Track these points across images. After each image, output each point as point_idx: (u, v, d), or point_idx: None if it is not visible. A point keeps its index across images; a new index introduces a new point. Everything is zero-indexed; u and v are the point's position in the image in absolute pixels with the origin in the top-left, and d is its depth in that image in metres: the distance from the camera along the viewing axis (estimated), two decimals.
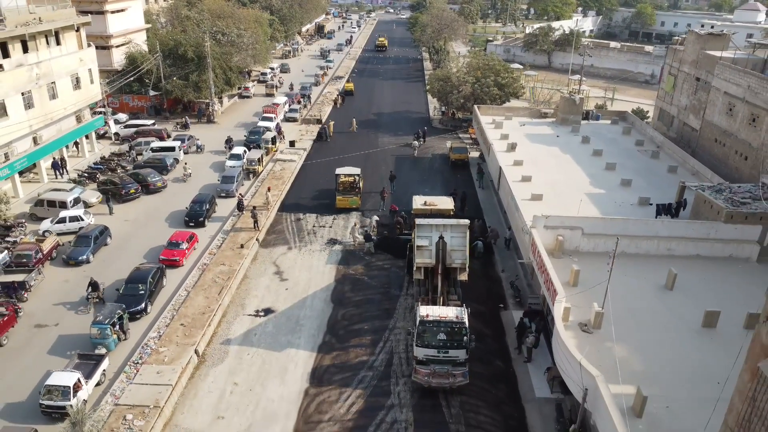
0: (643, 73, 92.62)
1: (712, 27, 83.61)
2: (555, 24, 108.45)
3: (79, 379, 22.92)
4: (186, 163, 47.13)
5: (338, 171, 41.78)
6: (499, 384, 24.97)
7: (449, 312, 24.13)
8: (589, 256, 27.22)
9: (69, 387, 22.39)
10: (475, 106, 51.43)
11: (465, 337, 23.61)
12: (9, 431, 20.40)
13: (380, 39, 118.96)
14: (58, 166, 44.51)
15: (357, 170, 42.08)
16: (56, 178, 44.25)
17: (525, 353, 25.94)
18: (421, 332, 23.65)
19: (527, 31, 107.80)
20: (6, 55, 39.20)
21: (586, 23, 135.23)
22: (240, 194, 41.61)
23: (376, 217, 38.68)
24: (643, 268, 26.54)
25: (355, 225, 39.14)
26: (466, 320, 23.83)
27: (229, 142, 49.42)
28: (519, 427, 22.72)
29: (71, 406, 21.87)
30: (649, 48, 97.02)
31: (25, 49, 40.88)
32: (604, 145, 43.04)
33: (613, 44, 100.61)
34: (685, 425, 17.42)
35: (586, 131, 46.82)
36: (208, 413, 23.12)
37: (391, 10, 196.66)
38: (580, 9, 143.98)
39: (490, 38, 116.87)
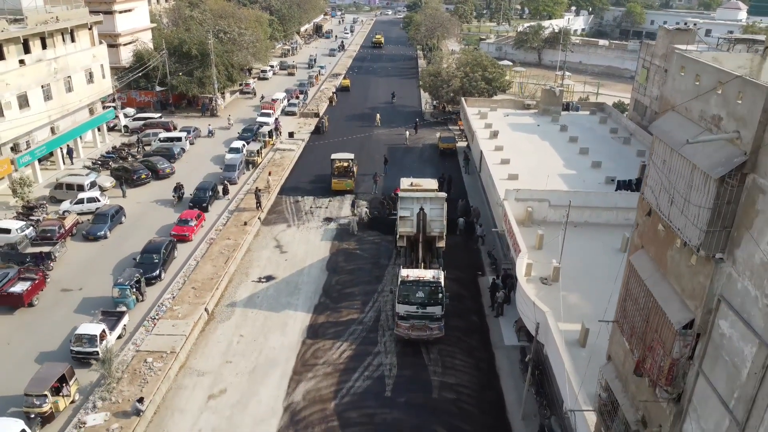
0: (629, 70, 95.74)
1: (695, 24, 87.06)
2: (545, 23, 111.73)
3: (104, 330, 26.26)
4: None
5: (333, 156, 45.18)
6: (474, 335, 28.35)
7: (427, 273, 27.46)
8: (555, 225, 30.46)
9: (96, 335, 25.73)
10: (463, 98, 54.77)
11: (441, 295, 26.88)
12: (50, 366, 23.64)
13: (377, 36, 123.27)
14: (72, 153, 47.95)
15: (351, 155, 45.48)
16: (70, 164, 47.64)
17: (495, 309, 29.31)
18: (402, 291, 26.94)
19: (519, 30, 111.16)
20: (27, 51, 42.56)
21: (577, 22, 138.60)
22: (227, 181, 44.91)
23: (365, 206, 41.74)
24: (603, 234, 29.84)
25: (355, 205, 42.38)
26: (442, 281, 27.18)
27: (178, 190, 41.53)
28: (489, 368, 26.11)
29: (98, 352, 25.25)
30: (626, 44, 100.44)
31: (44, 46, 44.25)
32: (581, 133, 46.37)
33: (601, 42, 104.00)
34: None
35: (565, 121, 50.14)
36: (218, 358, 26.49)
37: (389, 12, 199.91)
38: (573, 8, 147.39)
39: (483, 37, 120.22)
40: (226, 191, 43.25)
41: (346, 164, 44.56)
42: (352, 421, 22.91)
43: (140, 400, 22.59)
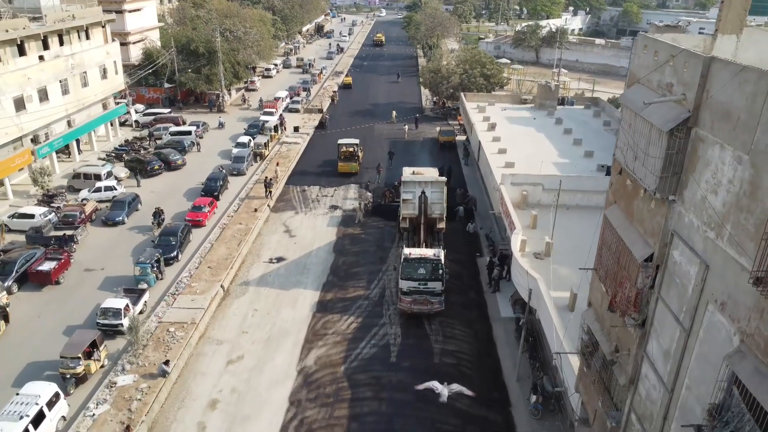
0: (624, 67, 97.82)
1: (688, 23, 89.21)
2: (543, 22, 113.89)
3: (127, 304, 28.23)
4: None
5: (340, 141, 48.36)
6: (472, 309, 30.37)
7: (428, 252, 29.50)
8: (549, 207, 32.33)
9: (120, 309, 27.71)
10: (462, 93, 56.87)
11: (441, 272, 28.89)
12: (82, 333, 25.59)
13: (378, 35, 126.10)
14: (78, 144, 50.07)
15: (356, 141, 48.74)
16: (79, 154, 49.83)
17: (492, 285, 31.35)
18: (405, 268, 28.94)
19: (517, 29, 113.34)
20: (46, 47, 44.58)
21: (575, 22, 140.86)
22: (220, 167, 46.84)
23: (369, 195, 43.82)
24: (593, 216, 31.55)
25: (360, 194, 44.40)
26: (442, 258, 29.19)
27: (157, 216, 37.04)
28: (486, 337, 28.13)
29: (122, 324, 27.24)
30: (620, 42, 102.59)
31: (61, 43, 46.29)
32: (575, 126, 48.44)
33: (597, 41, 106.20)
34: None
35: (560, 114, 52.21)
36: (234, 329, 28.50)
37: (382, 13, 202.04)
38: (570, 8, 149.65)
39: (482, 36, 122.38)
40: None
41: (351, 149, 47.69)
42: (360, 382, 24.91)
43: (166, 363, 24.61)
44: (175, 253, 33.99)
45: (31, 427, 20.81)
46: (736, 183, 9.37)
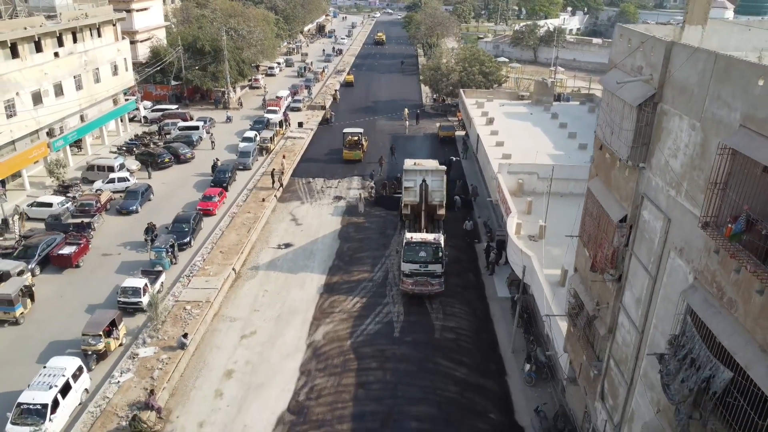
0: None
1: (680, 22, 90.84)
2: (541, 22, 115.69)
3: (146, 284, 29.96)
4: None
5: (345, 130, 51.42)
6: (470, 289, 32.13)
7: (429, 236, 31.27)
8: (544, 195, 34.24)
9: (139, 288, 29.42)
10: (461, 90, 58.63)
11: (441, 255, 30.63)
12: (102, 312, 27.27)
13: (379, 34, 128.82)
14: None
15: (360, 130, 51.60)
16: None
17: (489, 268, 33.11)
18: (407, 251, 30.67)
19: (515, 29, 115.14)
20: (60, 44, 46.32)
21: (573, 22, 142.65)
22: (216, 159, 48.45)
23: (371, 185, 45.67)
24: None
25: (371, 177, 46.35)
26: (441, 242, 30.96)
27: (150, 232, 34.96)
28: (484, 315, 29.90)
29: (141, 302, 28.97)
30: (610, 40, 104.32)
31: (75, 40, 48.04)
32: (570, 120, 50.15)
33: (594, 40, 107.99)
34: None
35: (556, 110, 53.93)
36: (246, 308, 30.24)
37: (391, 11, 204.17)
38: (569, 9, 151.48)
39: (481, 36, 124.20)
40: (215, 167, 46.38)
41: (356, 138, 50.52)
42: (366, 355, 26.65)
43: (185, 336, 26.35)
44: (188, 239, 35.72)
45: (59, 396, 22.45)
46: (691, 146, 11.11)
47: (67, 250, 33.10)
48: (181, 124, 56.69)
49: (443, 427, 22.61)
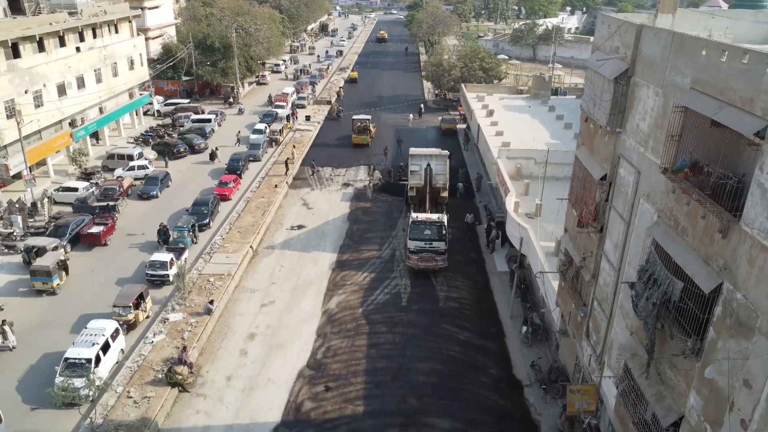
0: None
1: None
2: (539, 21, 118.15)
3: (172, 258, 32.35)
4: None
5: (354, 117, 55.45)
6: (472, 265, 34.57)
7: (433, 216, 33.70)
8: (540, 179, 36.68)
9: (166, 262, 31.80)
10: (462, 84, 61.09)
11: (444, 233, 33.04)
12: (131, 286, 29.60)
13: (381, 32, 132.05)
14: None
15: (368, 117, 56.03)
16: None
17: (489, 246, 35.55)
18: (413, 230, 33.10)
19: (515, 27, 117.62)
20: (82, 39, 48.75)
21: (571, 21, 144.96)
22: (214, 149, 50.91)
23: (378, 173, 48.16)
24: None
25: (373, 170, 48.74)
26: (445, 221, 33.38)
27: (162, 234, 35.29)
28: (485, 287, 32.33)
29: (168, 275, 31.37)
30: None
31: (94, 36, 50.46)
32: (566, 112, 52.55)
33: (592, 39, 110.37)
34: None
35: (553, 103, 56.42)
36: (265, 281, 32.67)
37: (395, 11, 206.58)
38: (567, 8, 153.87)
39: (481, 35, 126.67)
40: (213, 157, 49.41)
41: (364, 124, 54.75)
42: (376, 320, 29.07)
43: (211, 302, 28.77)
44: (207, 220, 38.14)
45: (101, 353, 24.85)
46: (655, 109, 13.52)
47: (95, 229, 35.51)
48: (194, 116, 59.12)
49: (448, 380, 25.02)
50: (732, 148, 11.18)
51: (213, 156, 49.58)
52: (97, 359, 24.25)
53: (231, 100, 69.97)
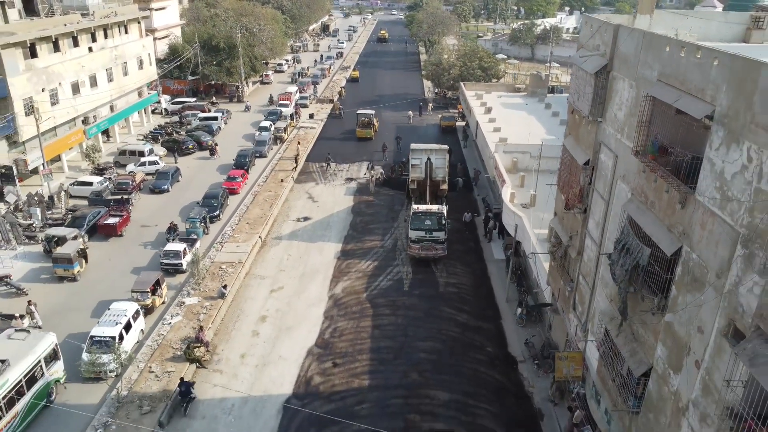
0: None
1: None
2: (538, 21, 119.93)
3: (185, 248, 34.12)
4: None
5: (358, 112, 57.99)
6: (471, 254, 36.35)
7: (433, 207, 35.45)
8: (536, 172, 38.45)
9: (180, 251, 33.56)
10: (462, 82, 62.84)
11: (444, 223, 34.80)
12: (147, 273, 31.34)
13: (382, 32, 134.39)
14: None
15: (372, 111, 58.64)
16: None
17: (487, 236, 37.32)
18: (414, 220, 34.86)
19: (513, 27, 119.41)
20: (93, 39, 50.53)
21: (570, 21, 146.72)
22: (213, 143, 52.80)
23: (380, 169, 49.99)
24: None
25: (371, 167, 50.51)
26: (444, 212, 35.14)
27: (172, 231, 36.58)
28: (482, 273, 34.10)
29: (182, 264, 33.13)
30: None
31: (105, 36, 52.25)
32: (562, 109, 54.14)
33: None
34: None
35: (549, 100, 58.15)
36: (273, 268, 34.44)
37: (395, 12, 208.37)
38: (566, 9, 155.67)
39: (480, 35, 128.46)
40: (212, 152, 51.65)
41: (368, 119, 57.43)
42: (380, 304, 30.83)
43: (224, 287, 30.53)
44: (217, 212, 39.92)
45: (123, 332, 26.59)
46: (630, 100, 15.29)
47: (111, 220, 37.28)
48: (201, 115, 60.93)
49: (447, 357, 26.78)
50: (692, 131, 12.93)
51: (212, 151, 51.44)
52: (121, 337, 26.00)
53: (238, 98, 71.74)
